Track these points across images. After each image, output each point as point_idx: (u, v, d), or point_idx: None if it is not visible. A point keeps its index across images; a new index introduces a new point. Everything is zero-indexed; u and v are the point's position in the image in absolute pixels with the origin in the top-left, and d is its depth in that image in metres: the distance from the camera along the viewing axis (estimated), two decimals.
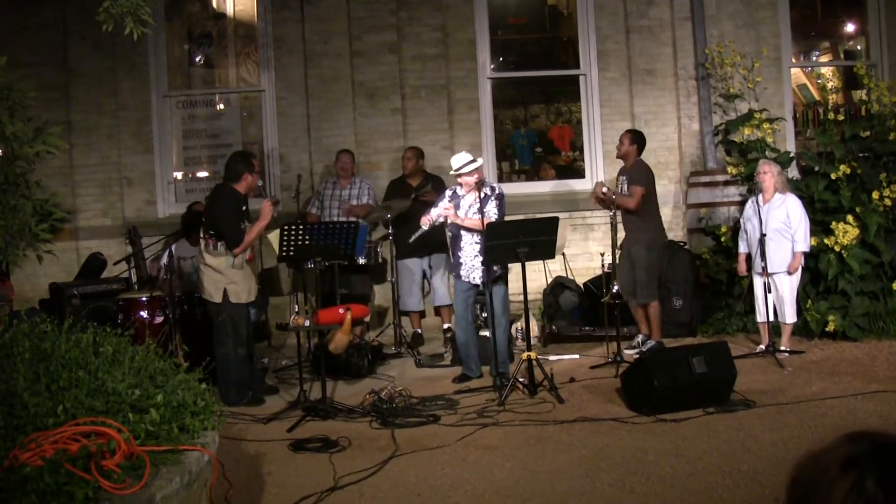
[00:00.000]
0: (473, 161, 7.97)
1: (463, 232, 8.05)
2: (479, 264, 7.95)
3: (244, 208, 7.74)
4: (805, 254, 8.63)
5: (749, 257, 8.81)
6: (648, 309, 8.98)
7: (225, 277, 7.59)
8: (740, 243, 8.94)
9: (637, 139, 9.14)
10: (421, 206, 8.92)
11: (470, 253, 8.03)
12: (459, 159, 7.99)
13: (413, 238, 8.43)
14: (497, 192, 8.09)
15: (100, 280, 9.55)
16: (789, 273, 8.53)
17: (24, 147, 4.51)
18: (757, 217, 8.48)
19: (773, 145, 10.37)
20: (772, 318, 8.58)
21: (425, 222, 8.09)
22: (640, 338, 9.09)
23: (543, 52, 12.49)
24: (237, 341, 7.61)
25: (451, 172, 8.13)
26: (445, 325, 9.84)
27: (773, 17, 11.40)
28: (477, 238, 7.92)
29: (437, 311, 10.08)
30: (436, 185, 9.67)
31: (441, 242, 9.09)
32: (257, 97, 11.36)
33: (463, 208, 8.06)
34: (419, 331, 10.04)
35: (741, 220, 8.98)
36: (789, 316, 8.61)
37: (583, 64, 11.46)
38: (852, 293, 9.19)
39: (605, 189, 8.73)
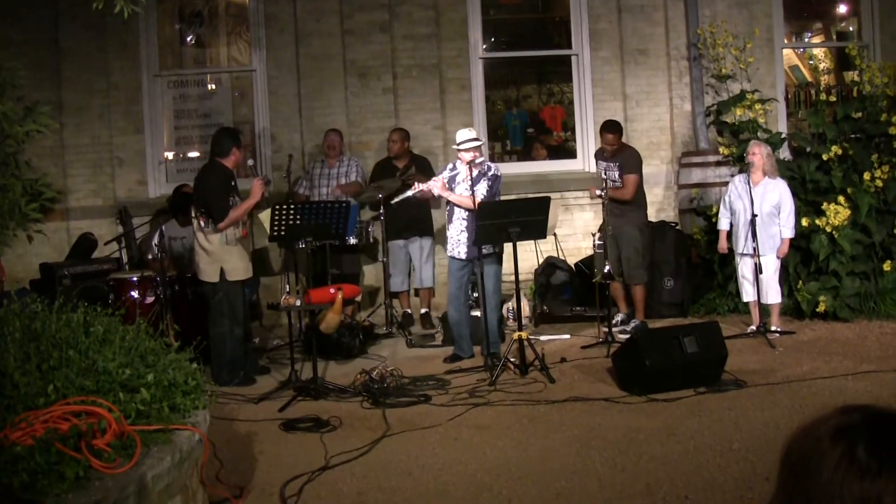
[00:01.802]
0: (475, 140, 8.01)
1: (455, 208, 8.09)
2: (465, 240, 7.99)
3: (233, 184, 7.73)
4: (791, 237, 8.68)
5: (729, 235, 8.81)
6: (637, 289, 9.00)
7: (220, 257, 7.57)
8: (723, 220, 8.85)
9: (621, 129, 9.26)
10: (407, 188, 8.89)
11: (457, 228, 8.07)
12: (463, 135, 8.04)
13: (396, 200, 8.46)
14: (492, 171, 8.10)
15: (91, 260, 9.51)
16: (778, 258, 8.55)
17: (14, 126, 4.49)
18: (748, 197, 8.44)
19: (765, 126, 10.36)
20: (762, 299, 8.58)
21: (416, 188, 8.12)
22: (619, 317, 9.11)
23: (535, 32, 12.42)
24: (233, 321, 7.61)
25: (454, 146, 8.17)
26: (423, 310, 9.91)
27: None
28: (465, 214, 7.94)
29: (417, 292, 10.13)
30: (421, 167, 9.68)
31: (427, 225, 9.12)
32: (248, 77, 11.27)
33: (457, 182, 8.11)
34: (409, 311, 10.08)
35: (726, 198, 8.86)
36: (774, 296, 8.62)
37: (575, 44, 11.41)
38: (843, 274, 9.20)
39: (598, 192, 8.68)
